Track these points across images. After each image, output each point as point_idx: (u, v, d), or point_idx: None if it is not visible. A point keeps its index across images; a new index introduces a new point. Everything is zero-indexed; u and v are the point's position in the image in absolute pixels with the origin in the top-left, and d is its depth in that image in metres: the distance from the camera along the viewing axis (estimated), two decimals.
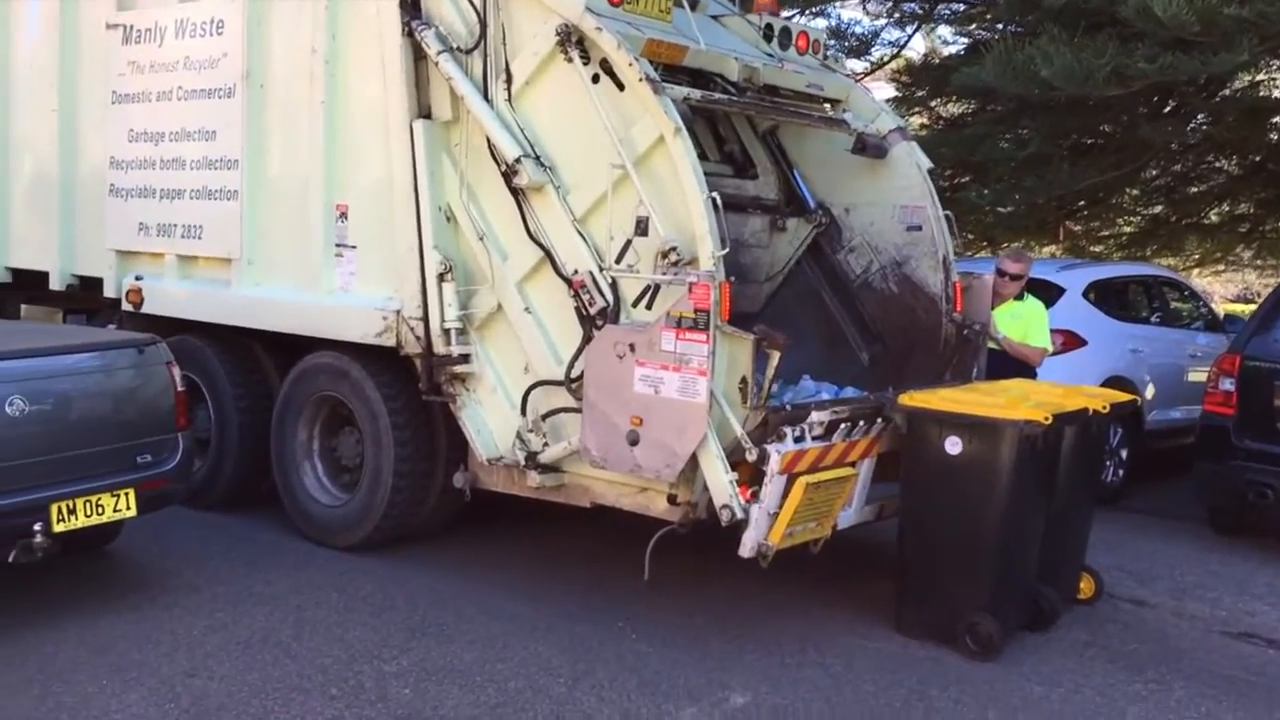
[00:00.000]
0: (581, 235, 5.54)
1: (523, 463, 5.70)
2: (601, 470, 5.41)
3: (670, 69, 5.98)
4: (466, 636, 5.32)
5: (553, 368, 5.66)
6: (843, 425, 5.47)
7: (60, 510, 5.17)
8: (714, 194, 5.15)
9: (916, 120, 15.57)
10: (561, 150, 5.69)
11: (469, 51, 5.90)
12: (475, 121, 5.85)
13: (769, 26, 6.70)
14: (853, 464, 5.54)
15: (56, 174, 8.13)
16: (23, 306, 9.24)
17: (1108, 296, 9.26)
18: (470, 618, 5.56)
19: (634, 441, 5.17)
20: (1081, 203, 14.41)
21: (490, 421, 5.96)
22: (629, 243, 5.35)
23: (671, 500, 5.30)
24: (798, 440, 5.21)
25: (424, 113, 6.07)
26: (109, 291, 7.80)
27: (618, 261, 5.37)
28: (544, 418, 5.67)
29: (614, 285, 5.41)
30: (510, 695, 4.73)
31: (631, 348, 5.18)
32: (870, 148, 6.71)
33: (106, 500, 5.37)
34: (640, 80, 5.29)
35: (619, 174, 5.32)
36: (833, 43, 15.10)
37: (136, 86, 7.48)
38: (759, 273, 7.19)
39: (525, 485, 5.77)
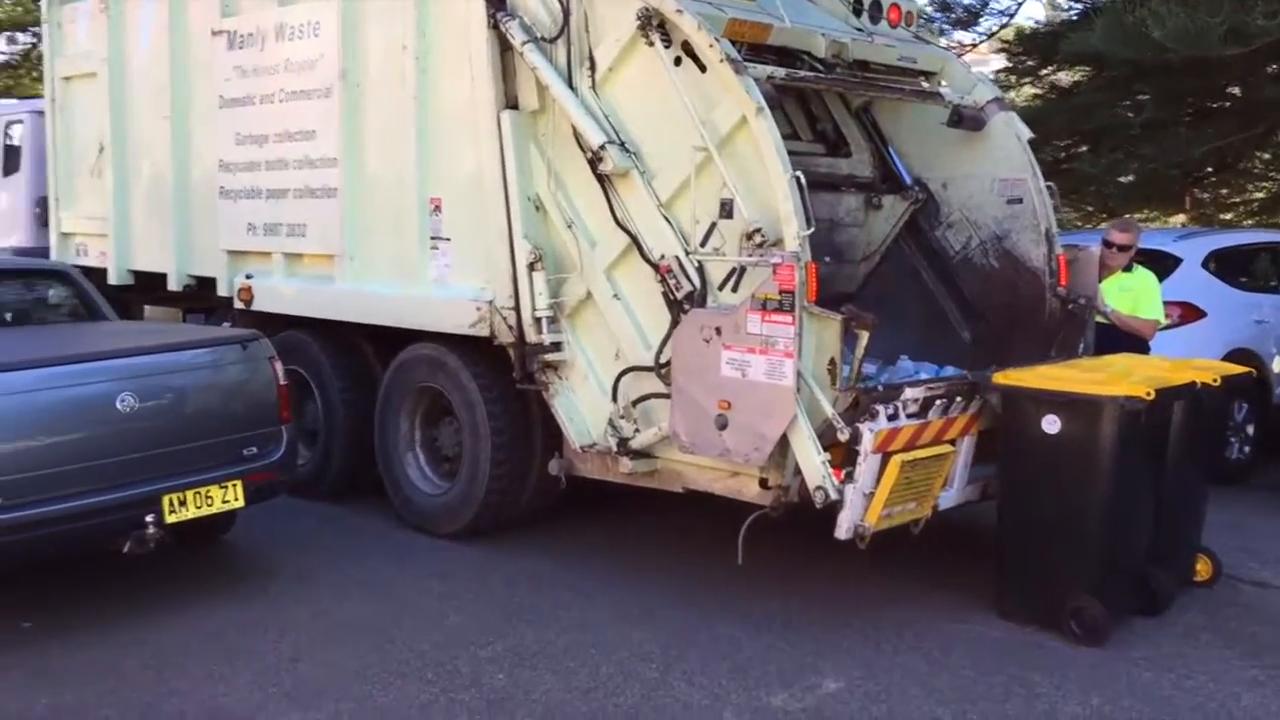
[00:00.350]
0: (667, 220, 5.51)
1: (615, 449, 5.72)
2: (692, 455, 5.39)
3: (756, 48, 5.91)
4: (561, 622, 5.37)
5: (642, 353, 5.66)
6: (939, 402, 5.36)
7: (171, 502, 5.37)
8: (798, 173, 5.07)
9: (1029, 90, 15.16)
10: (646, 135, 5.67)
11: (553, 40, 5.92)
12: (561, 110, 5.87)
13: (858, 0, 6.58)
14: (951, 442, 5.42)
15: (171, 178, 8.43)
16: (146, 307, 9.66)
17: (1230, 265, 8.84)
18: (566, 603, 5.60)
19: (722, 425, 5.13)
20: (1209, 169, 13.80)
21: (583, 408, 5.99)
22: (714, 225, 5.31)
23: (763, 484, 5.25)
24: (891, 418, 5.12)
25: (511, 104, 6.11)
26: (222, 290, 8.07)
27: (702, 245, 5.33)
28: (634, 404, 5.67)
29: (700, 269, 5.37)
30: (602, 680, 4.75)
31: (718, 331, 5.13)
32: (966, 120, 6.55)
33: (215, 492, 5.56)
34: (721, 61, 5.23)
35: (702, 157, 5.28)
36: (939, 15, 14.90)
37: (241, 90, 7.71)
38: (855, 252, 7.08)
39: (618, 471, 5.78)
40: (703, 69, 5.38)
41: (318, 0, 7.13)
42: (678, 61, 5.45)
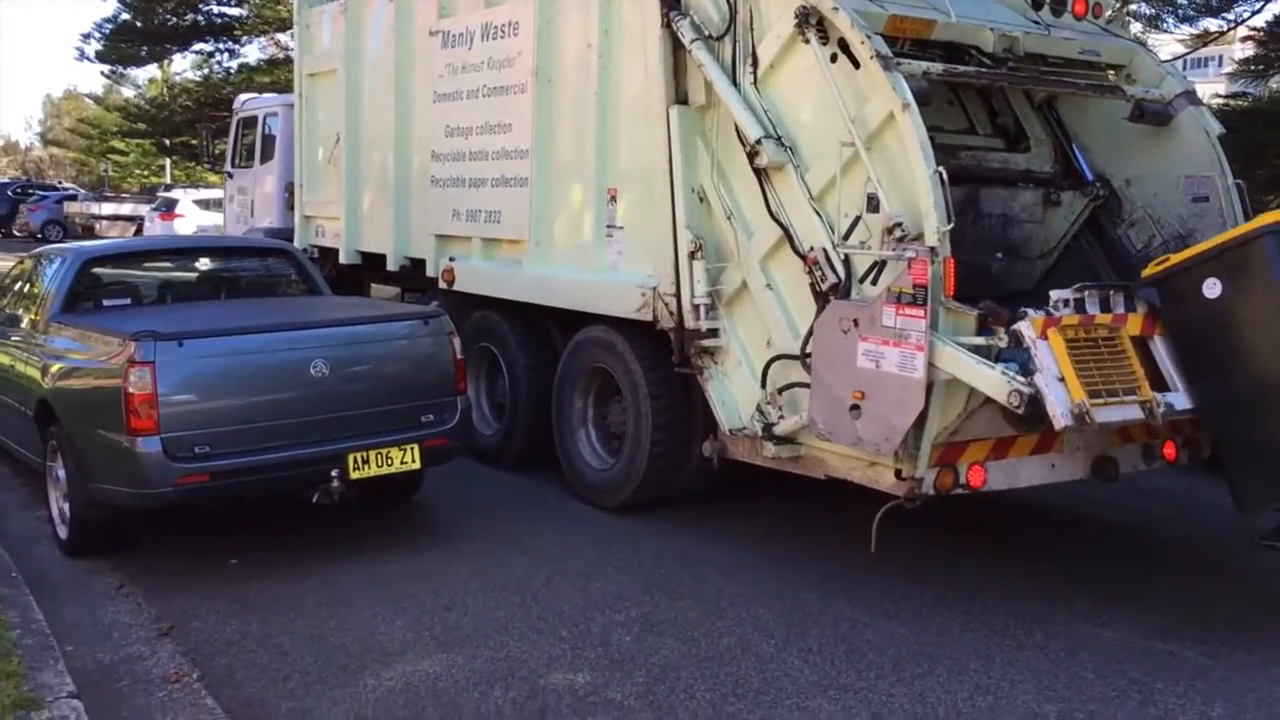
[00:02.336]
0: (817, 212, 5.65)
1: (760, 434, 5.92)
2: (829, 443, 5.53)
3: (921, 43, 5.97)
4: (695, 595, 5.63)
5: (792, 342, 5.81)
6: (1090, 297, 5.25)
7: (356, 459, 5.96)
8: (940, 169, 5.11)
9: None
10: (803, 130, 5.82)
11: (720, 38, 6.15)
12: (725, 105, 6.10)
13: None
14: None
15: (393, 167, 9.17)
16: (372, 286, 10.53)
17: None
18: (705, 578, 5.86)
19: (856, 415, 5.24)
20: None
21: (735, 393, 6.21)
22: (859, 218, 5.41)
23: (898, 475, 5.33)
24: (1047, 314, 5.06)
25: (681, 99, 6.39)
26: (430, 271, 8.74)
27: (846, 238, 5.44)
28: (780, 391, 5.84)
29: (846, 261, 5.48)
30: (721, 650, 4.99)
31: (855, 323, 5.25)
32: (1149, 114, 6.35)
33: (395, 453, 6.12)
34: (871, 57, 5.32)
35: (850, 152, 5.39)
36: (1185, 2, 14.11)
37: (452, 86, 8.33)
38: (1032, 249, 6.97)
39: (763, 455, 5.97)
40: (856, 65, 5.48)
41: (518, 1, 7.62)
42: (834, 58, 5.57)
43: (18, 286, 7.49)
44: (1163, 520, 6.99)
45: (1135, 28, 13.41)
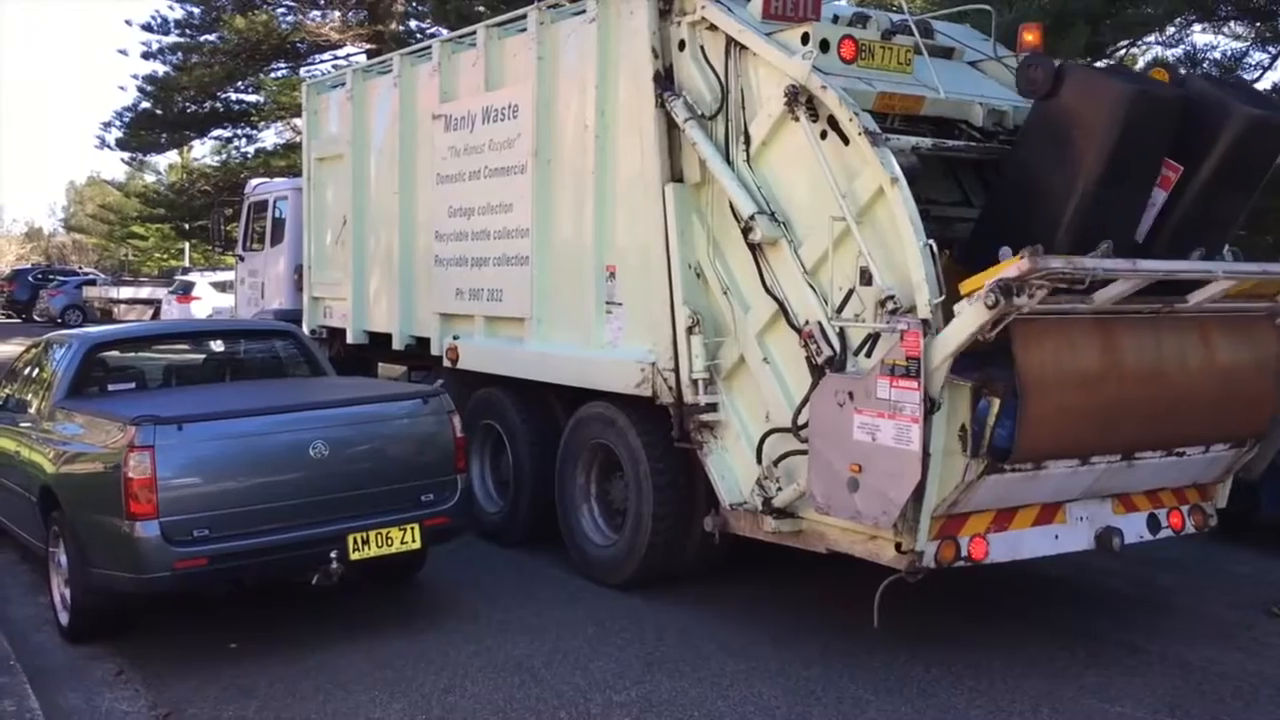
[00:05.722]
0: (811, 286, 5.68)
1: (760, 508, 5.89)
2: (828, 516, 5.50)
3: (911, 119, 6.04)
4: (698, 673, 5.56)
5: (789, 416, 5.81)
6: None
7: (355, 540, 5.94)
8: (930, 241, 5.14)
9: None
10: (795, 205, 5.88)
11: (712, 117, 6.25)
12: (719, 182, 6.17)
13: None
14: None
15: (397, 248, 9.28)
16: (380, 365, 10.59)
17: None
18: (708, 655, 5.79)
19: (854, 488, 5.22)
20: None
21: (735, 467, 6.20)
22: (852, 291, 5.44)
23: (899, 548, 5.29)
24: None
25: (676, 177, 6.47)
26: (434, 350, 8.79)
27: (840, 311, 5.46)
28: (776, 463, 5.82)
29: (841, 334, 5.50)
30: None
31: (850, 395, 5.25)
32: None
33: (395, 533, 6.10)
34: (860, 134, 5.39)
35: (841, 227, 5.43)
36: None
37: (454, 168, 8.45)
38: None
39: (764, 530, 5.93)
40: (846, 141, 5.54)
41: (517, 84, 7.76)
42: (824, 135, 5.64)
43: (28, 372, 7.57)
44: (1171, 590, 6.89)
45: None
